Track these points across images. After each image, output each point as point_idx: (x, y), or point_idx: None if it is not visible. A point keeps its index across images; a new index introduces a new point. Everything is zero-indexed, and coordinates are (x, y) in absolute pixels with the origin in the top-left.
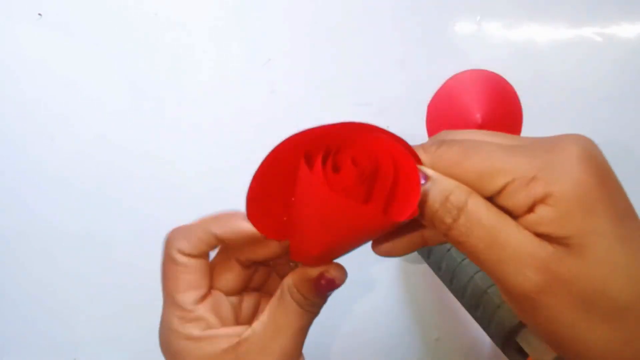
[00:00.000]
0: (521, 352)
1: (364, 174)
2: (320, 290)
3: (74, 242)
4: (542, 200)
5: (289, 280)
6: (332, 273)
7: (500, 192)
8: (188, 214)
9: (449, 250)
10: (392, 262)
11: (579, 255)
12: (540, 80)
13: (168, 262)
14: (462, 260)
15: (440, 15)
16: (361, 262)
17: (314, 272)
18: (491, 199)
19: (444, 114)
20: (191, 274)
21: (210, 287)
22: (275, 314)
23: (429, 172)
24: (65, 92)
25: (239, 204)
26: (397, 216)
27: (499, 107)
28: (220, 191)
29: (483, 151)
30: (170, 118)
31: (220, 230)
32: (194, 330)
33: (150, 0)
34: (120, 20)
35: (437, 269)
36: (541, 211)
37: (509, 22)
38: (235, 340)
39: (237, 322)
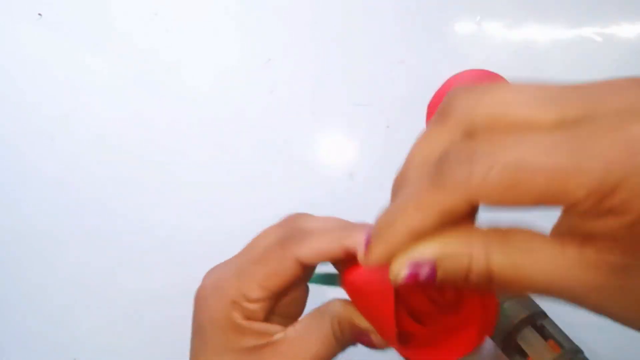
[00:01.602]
0: (521, 352)
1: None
2: (358, 340)
3: (74, 242)
4: (616, 214)
5: (336, 309)
6: (375, 338)
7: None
8: (188, 214)
9: None
10: None
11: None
12: (540, 80)
13: (275, 256)
14: None
15: (440, 15)
16: None
17: (363, 324)
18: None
19: None
20: (282, 278)
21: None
22: (310, 327)
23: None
24: (65, 92)
25: (239, 202)
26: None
27: None
28: (221, 190)
29: (539, 168)
30: (170, 118)
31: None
32: (237, 314)
33: (151, 0)
34: (121, 21)
35: None
36: (611, 224)
37: (509, 22)
38: (264, 341)
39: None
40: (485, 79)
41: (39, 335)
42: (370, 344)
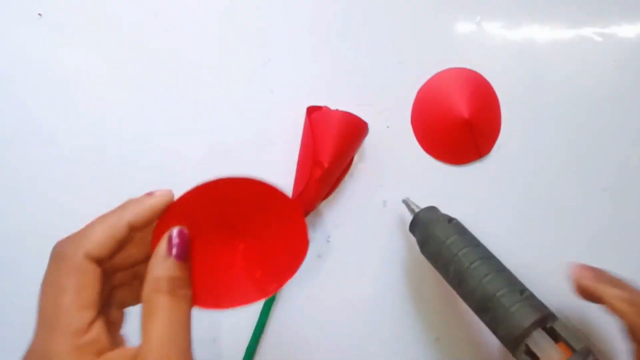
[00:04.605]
0: (532, 355)
1: None
2: (171, 247)
3: None
4: None
5: (150, 282)
6: (173, 231)
7: None
8: None
9: (456, 254)
10: (393, 262)
11: None
12: (540, 80)
13: (67, 273)
14: (470, 264)
15: (440, 16)
16: (361, 262)
17: (162, 244)
18: None
19: (430, 111)
20: (93, 285)
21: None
22: (151, 325)
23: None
24: (65, 92)
25: None
26: None
27: (482, 102)
28: None
29: None
30: (171, 118)
31: (132, 216)
32: (88, 357)
33: (150, 0)
34: (120, 21)
35: (445, 273)
36: None
37: (509, 22)
38: None
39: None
40: (466, 76)
41: None
42: (182, 235)
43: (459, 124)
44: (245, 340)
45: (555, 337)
